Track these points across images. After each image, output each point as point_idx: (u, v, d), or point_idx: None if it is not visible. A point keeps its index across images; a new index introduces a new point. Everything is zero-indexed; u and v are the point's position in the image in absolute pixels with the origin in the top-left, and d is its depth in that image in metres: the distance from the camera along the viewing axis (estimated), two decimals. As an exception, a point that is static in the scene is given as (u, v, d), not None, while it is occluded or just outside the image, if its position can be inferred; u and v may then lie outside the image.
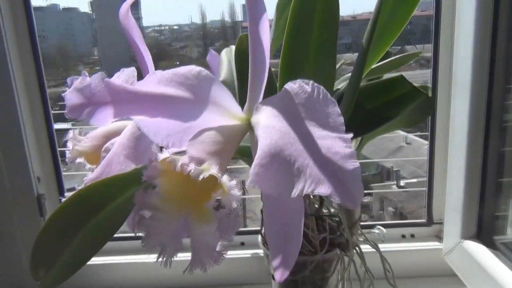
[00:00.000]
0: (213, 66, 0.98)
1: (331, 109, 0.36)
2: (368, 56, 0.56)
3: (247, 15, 0.39)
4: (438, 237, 1.05)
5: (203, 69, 0.42)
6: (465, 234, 0.84)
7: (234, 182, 0.35)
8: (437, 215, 1.05)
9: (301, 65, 0.57)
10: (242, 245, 1.05)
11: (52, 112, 1.00)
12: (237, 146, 0.41)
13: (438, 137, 0.98)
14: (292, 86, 0.38)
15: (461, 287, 0.88)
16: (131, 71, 0.59)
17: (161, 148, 0.42)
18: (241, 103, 0.64)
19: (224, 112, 0.42)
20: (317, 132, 0.35)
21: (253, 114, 0.41)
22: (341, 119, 0.36)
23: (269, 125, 0.37)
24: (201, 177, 0.34)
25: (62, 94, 0.38)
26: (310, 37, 0.55)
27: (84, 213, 0.37)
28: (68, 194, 0.53)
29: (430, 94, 0.53)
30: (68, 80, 0.63)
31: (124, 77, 0.60)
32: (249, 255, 1.00)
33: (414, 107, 0.56)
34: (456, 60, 0.81)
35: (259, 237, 0.70)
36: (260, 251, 0.74)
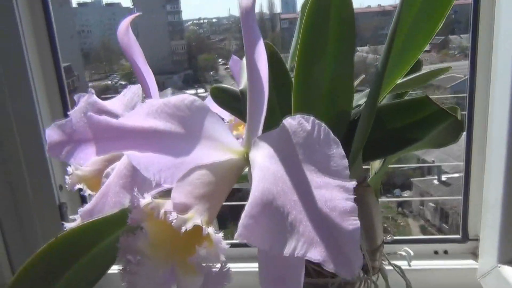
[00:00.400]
0: (234, 72, 0.94)
1: (334, 150, 0.32)
2: (392, 71, 0.51)
3: (244, 41, 0.35)
4: (474, 255, 0.97)
5: (196, 98, 0.38)
6: (502, 258, 0.77)
7: (221, 234, 0.31)
8: (473, 230, 0.98)
9: (317, 82, 0.53)
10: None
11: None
12: (233, 184, 0.37)
13: (475, 143, 0.91)
14: (291, 122, 0.33)
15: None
16: (137, 89, 0.56)
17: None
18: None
19: (219, 146, 0.38)
20: (315, 178, 0.30)
21: (251, 149, 0.37)
22: (345, 163, 0.31)
23: (263, 166, 0.33)
24: (183, 228, 0.31)
25: (46, 130, 0.35)
26: (325, 51, 0.50)
27: (64, 259, 0.34)
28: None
29: (459, 117, 0.47)
30: (75, 97, 0.61)
31: (129, 96, 0.57)
32: (254, 270, 0.96)
33: (441, 129, 0.51)
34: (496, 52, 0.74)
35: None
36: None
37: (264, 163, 0.33)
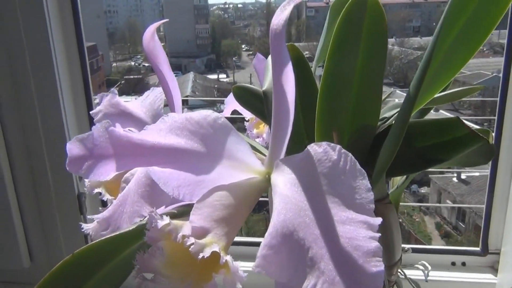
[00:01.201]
0: (259, 71, 0.93)
1: (359, 182, 0.30)
2: (424, 92, 0.49)
3: (271, 61, 0.34)
4: (493, 269, 0.95)
5: (219, 115, 0.37)
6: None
7: (239, 263, 0.30)
8: (494, 244, 0.95)
9: (344, 94, 0.51)
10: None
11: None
12: (253, 206, 0.37)
13: (503, 150, 0.88)
14: (316, 150, 0.32)
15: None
16: (159, 92, 0.56)
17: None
18: None
19: (240, 166, 0.37)
20: (339, 212, 0.29)
21: (274, 170, 0.36)
22: (370, 196, 0.30)
23: (285, 194, 0.32)
24: (200, 256, 0.30)
25: (67, 144, 0.35)
26: (355, 65, 0.49)
27: (79, 276, 0.34)
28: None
29: (491, 140, 0.45)
30: (98, 96, 0.61)
31: (151, 98, 0.57)
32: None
33: (471, 151, 0.49)
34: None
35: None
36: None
37: (286, 191, 0.32)
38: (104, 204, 0.66)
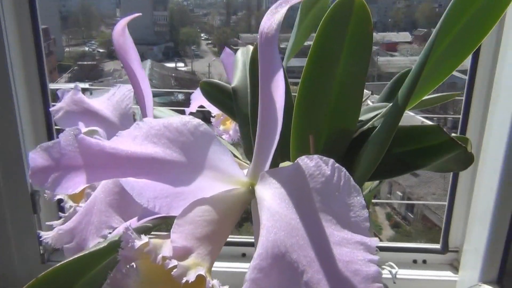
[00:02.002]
0: (227, 66, 0.90)
1: (354, 199, 0.29)
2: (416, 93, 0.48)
3: (260, 67, 0.31)
4: (452, 266, 0.98)
5: (200, 122, 0.34)
6: (484, 277, 0.77)
7: (226, 287, 0.28)
8: (453, 242, 0.98)
9: (323, 98, 0.49)
10: (243, 257, 1.00)
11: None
12: (237, 220, 0.34)
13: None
14: (307, 163, 0.30)
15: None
16: (128, 90, 0.52)
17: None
18: (254, 117, 0.58)
19: (222, 176, 0.34)
20: (334, 232, 0.28)
21: (258, 182, 0.34)
22: (365, 214, 0.29)
23: (274, 210, 0.30)
24: (184, 280, 0.27)
25: (30, 154, 0.31)
26: (336, 68, 0.47)
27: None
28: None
29: (469, 149, 0.45)
30: (59, 93, 0.56)
31: (119, 96, 0.53)
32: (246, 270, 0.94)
33: (449, 158, 0.49)
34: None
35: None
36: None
37: (276, 207, 0.30)
38: (60, 202, 0.61)
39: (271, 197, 0.31)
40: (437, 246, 1.00)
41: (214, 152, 0.34)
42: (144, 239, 0.29)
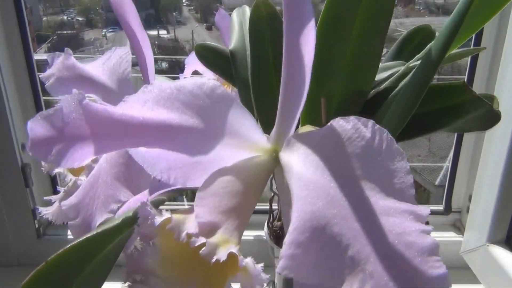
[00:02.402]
0: (222, 28, 0.85)
1: (398, 164, 0.26)
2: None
3: (285, 20, 0.28)
4: (455, 227, 0.97)
5: (218, 84, 0.31)
6: (492, 238, 0.76)
7: (260, 266, 0.25)
8: (456, 203, 0.97)
9: (337, 57, 0.46)
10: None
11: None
12: (263, 190, 0.31)
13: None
14: (343, 126, 0.27)
15: (474, 284, 0.81)
16: (125, 53, 0.48)
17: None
18: (254, 81, 0.54)
19: (243, 143, 0.31)
20: (379, 201, 0.25)
21: (284, 148, 0.31)
22: (410, 179, 0.26)
23: (308, 179, 0.27)
24: (215, 259, 0.25)
25: (28, 123, 0.27)
26: (354, 23, 0.44)
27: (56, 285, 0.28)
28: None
29: (496, 107, 0.42)
30: (48, 57, 0.52)
31: (115, 60, 0.48)
32: (251, 237, 0.92)
33: (474, 116, 0.46)
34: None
35: (265, 228, 0.60)
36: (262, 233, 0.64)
37: (309, 175, 0.27)
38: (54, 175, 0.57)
39: (303, 165, 0.28)
40: (440, 207, 0.99)
41: (234, 117, 0.30)
42: (166, 214, 0.26)
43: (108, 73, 0.48)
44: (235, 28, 0.61)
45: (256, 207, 0.31)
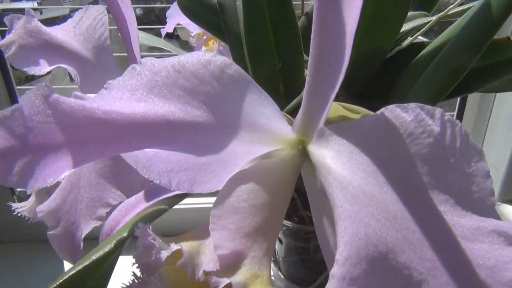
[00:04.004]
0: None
1: (476, 165, 0.20)
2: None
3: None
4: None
5: (228, 61, 0.24)
6: (503, 197, 0.73)
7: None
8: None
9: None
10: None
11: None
12: (291, 195, 0.25)
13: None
14: (401, 116, 0.20)
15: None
16: (99, 13, 0.39)
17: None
18: (248, 36, 0.46)
19: (263, 136, 0.24)
20: (457, 218, 0.19)
21: (315, 140, 0.24)
22: (490, 185, 0.20)
23: (357, 188, 0.20)
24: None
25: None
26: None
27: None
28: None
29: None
30: (6, 20, 0.43)
31: (89, 22, 0.40)
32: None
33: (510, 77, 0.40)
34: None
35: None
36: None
37: (359, 182, 0.20)
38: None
39: (348, 168, 0.21)
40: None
41: (251, 104, 0.24)
42: (174, 246, 0.20)
43: (81, 39, 0.39)
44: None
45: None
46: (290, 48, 0.45)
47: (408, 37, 0.46)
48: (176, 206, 0.27)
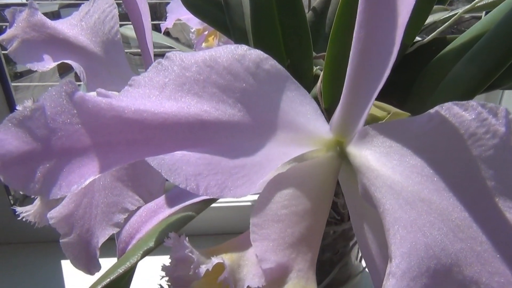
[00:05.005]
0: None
1: (543, 170, 0.18)
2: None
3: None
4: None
5: (264, 55, 0.22)
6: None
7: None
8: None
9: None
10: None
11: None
12: (331, 201, 0.23)
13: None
14: (460, 114, 0.19)
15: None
16: (108, 6, 0.37)
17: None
18: (255, 32, 0.44)
19: (300, 136, 0.23)
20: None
21: (355, 141, 0.22)
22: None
23: (412, 194, 0.19)
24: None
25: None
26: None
27: None
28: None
29: None
30: (7, 13, 0.41)
31: (97, 15, 0.38)
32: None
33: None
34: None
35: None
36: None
37: (414, 187, 0.19)
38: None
39: (400, 171, 0.19)
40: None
41: (289, 102, 0.22)
42: (215, 259, 0.18)
43: (89, 33, 0.37)
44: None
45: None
46: (299, 44, 0.43)
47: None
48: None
